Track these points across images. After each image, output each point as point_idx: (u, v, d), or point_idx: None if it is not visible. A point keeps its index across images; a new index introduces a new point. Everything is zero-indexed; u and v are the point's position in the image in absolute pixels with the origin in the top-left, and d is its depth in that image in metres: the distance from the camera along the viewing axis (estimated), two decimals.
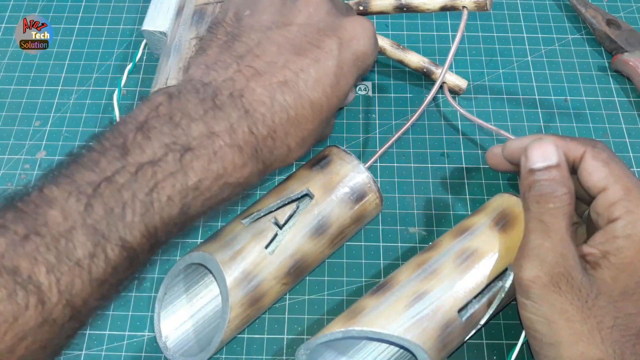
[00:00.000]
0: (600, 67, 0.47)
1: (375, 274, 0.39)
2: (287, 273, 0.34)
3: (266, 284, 0.34)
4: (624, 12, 0.50)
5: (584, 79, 0.46)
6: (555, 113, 0.45)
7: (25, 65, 0.47)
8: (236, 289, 0.33)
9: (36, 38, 0.45)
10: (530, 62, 0.47)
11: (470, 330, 0.33)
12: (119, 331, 0.37)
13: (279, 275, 0.34)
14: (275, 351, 0.37)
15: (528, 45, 0.48)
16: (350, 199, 0.35)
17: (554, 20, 0.49)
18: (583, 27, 0.49)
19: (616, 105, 0.45)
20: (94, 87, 0.46)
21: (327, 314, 0.37)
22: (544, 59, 0.47)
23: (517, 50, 0.48)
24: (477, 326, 0.33)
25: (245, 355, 0.36)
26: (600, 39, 0.47)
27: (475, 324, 0.33)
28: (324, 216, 0.34)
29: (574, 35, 0.49)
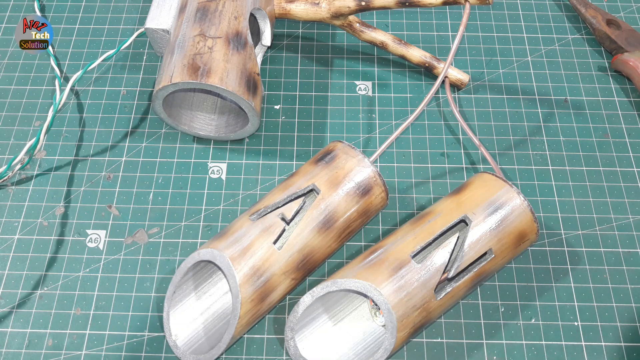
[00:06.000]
0: (600, 67, 0.47)
1: None
2: (296, 268, 0.34)
3: (275, 280, 0.34)
4: (624, 12, 0.50)
5: (584, 79, 0.46)
6: (555, 113, 0.45)
7: (25, 65, 0.47)
8: (246, 285, 0.33)
9: (36, 38, 0.45)
10: (530, 62, 0.47)
11: (434, 277, 0.33)
12: (119, 331, 0.37)
13: (288, 271, 0.34)
14: (275, 351, 0.37)
15: (528, 45, 0.48)
16: (356, 193, 0.35)
17: (554, 20, 0.49)
18: (583, 27, 0.49)
19: (616, 105, 0.45)
20: (94, 87, 0.46)
21: None
22: (544, 59, 0.47)
23: (517, 50, 0.48)
24: (441, 274, 0.33)
25: (245, 355, 0.36)
26: (600, 39, 0.47)
27: (437, 271, 0.33)
28: (330, 211, 0.35)
29: (574, 35, 0.49)
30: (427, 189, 0.42)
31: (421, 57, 0.45)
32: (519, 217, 0.34)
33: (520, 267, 0.39)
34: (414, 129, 0.44)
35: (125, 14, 0.50)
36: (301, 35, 0.48)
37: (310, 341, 0.35)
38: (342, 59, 0.47)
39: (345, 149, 0.36)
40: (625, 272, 0.39)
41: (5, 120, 0.45)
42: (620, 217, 0.41)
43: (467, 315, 0.37)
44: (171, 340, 0.35)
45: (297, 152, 0.43)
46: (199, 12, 0.40)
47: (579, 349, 0.36)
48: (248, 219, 0.35)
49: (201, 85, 0.37)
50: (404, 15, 0.50)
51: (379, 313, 0.36)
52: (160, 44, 0.45)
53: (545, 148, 0.43)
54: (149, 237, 0.40)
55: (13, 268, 0.39)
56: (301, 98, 0.45)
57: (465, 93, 0.46)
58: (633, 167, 0.42)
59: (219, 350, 0.33)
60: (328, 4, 0.43)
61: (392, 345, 0.32)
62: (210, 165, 0.43)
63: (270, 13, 0.43)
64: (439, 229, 0.34)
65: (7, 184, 0.42)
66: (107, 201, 0.41)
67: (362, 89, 0.46)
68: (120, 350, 0.36)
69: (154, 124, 0.44)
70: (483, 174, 0.36)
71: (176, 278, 0.35)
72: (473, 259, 0.33)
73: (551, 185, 0.42)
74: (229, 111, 0.44)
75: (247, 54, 0.39)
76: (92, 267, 0.39)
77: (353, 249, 0.40)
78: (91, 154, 0.43)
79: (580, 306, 0.38)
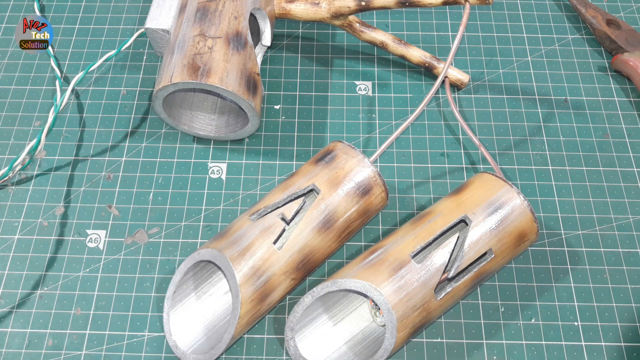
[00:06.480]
0: (600, 67, 0.47)
1: None
2: (295, 268, 0.34)
3: (275, 280, 0.34)
4: (624, 12, 0.50)
5: (584, 79, 0.46)
6: (555, 113, 0.45)
7: (25, 65, 0.47)
8: (246, 284, 0.33)
9: (36, 38, 0.45)
10: (530, 62, 0.47)
11: (434, 277, 0.33)
12: (119, 331, 0.37)
13: (288, 271, 0.34)
14: (275, 351, 0.37)
15: (528, 45, 0.48)
16: (356, 193, 0.35)
17: (554, 20, 0.49)
18: (583, 27, 0.49)
19: (616, 105, 0.45)
20: (94, 87, 0.46)
21: None
22: (544, 59, 0.47)
23: (517, 50, 0.48)
24: (441, 274, 0.33)
25: (245, 355, 0.36)
26: (600, 39, 0.47)
27: (437, 271, 0.33)
28: (330, 211, 0.35)
29: (574, 35, 0.49)
30: (427, 189, 0.42)
31: (421, 57, 0.45)
32: (519, 217, 0.34)
33: (520, 267, 0.39)
34: (414, 129, 0.44)
35: (125, 14, 0.50)
36: (301, 35, 0.48)
37: (310, 341, 0.35)
38: (342, 59, 0.47)
39: (345, 149, 0.36)
40: (625, 272, 0.39)
41: (5, 120, 0.45)
42: (620, 217, 0.41)
43: (467, 315, 0.37)
44: (171, 340, 0.35)
45: (297, 152, 0.43)
46: (199, 12, 0.40)
47: (579, 349, 0.36)
48: (248, 219, 0.35)
49: (201, 85, 0.37)
50: (404, 15, 0.50)
51: (379, 313, 0.36)
52: (160, 44, 0.45)
53: (545, 148, 0.43)
54: (149, 237, 0.40)
55: (13, 268, 0.39)
56: (301, 98, 0.45)
57: (465, 93, 0.46)
58: (633, 167, 0.42)
59: (219, 350, 0.33)
60: (328, 4, 0.43)
61: (392, 345, 0.32)
62: (210, 165, 0.43)
63: (270, 13, 0.43)
64: (439, 229, 0.34)
65: (7, 184, 0.42)
66: (107, 201, 0.41)
67: (362, 89, 0.46)
68: (120, 350, 0.36)
69: (154, 124, 0.44)
70: (483, 174, 0.36)
71: (176, 278, 0.35)
72: (473, 259, 0.33)
73: (551, 185, 0.42)
74: (229, 111, 0.44)
75: (247, 54, 0.39)
76: (92, 267, 0.39)
77: (353, 249, 0.40)
78: (91, 154, 0.43)
79: (580, 306, 0.38)
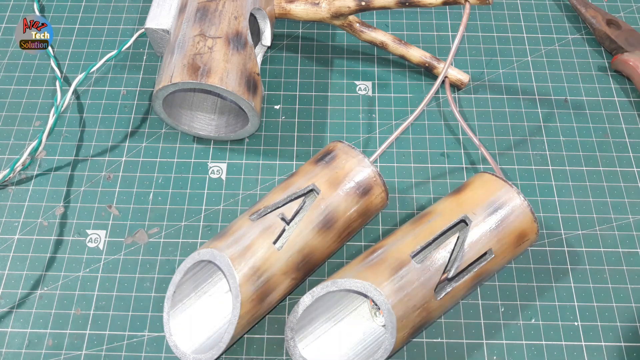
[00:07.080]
0: (600, 67, 0.47)
1: None
2: (295, 268, 0.34)
3: (275, 280, 0.34)
4: (624, 12, 0.50)
5: (584, 79, 0.46)
6: (555, 113, 0.45)
7: (25, 65, 0.47)
8: (246, 284, 0.33)
9: (36, 38, 0.45)
10: (530, 62, 0.47)
11: (434, 277, 0.33)
12: (119, 331, 0.37)
13: (288, 271, 0.34)
14: (275, 351, 0.37)
15: (528, 45, 0.48)
16: (356, 193, 0.35)
17: (554, 20, 0.49)
18: (583, 27, 0.49)
19: (616, 105, 0.45)
20: (94, 87, 0.46)
21: None
22: (544, 59, 0.47)
23: (517, 50, 0.48)
24: (441, 274, 0.33)
25: (245, 355, 0.36)
26: (600, 39, 0.47)
27: (437, 271, 0.33)
28: (330, 211, 0.35)
29: (574, 35, 0.49)
30: (427, 189, 0.42)
31: (421, 57, 0.45)
32: (519, 217, 0.34)
33: (520, 267, 0.39)
34: (414, 129, 0.44)
35: (125, 14, 0.50)
36: (301, 35, 0.48)
37: (310, 341, 0.35)
38: (342, 59, 0.47)
39: (345, 149, 0.36)
40: (625, 272, 0.39)
41: (5, 120, 0.45)
42: (620, 217, 0.41)
43: (467, 315, 0.37)
44: (171, 340, 0.35)
45: (297, 152, 0.43)
46: (199, 12, 0.40)
47: (579, 349, 0.36)
48: (248, 219, 0.35)
49: (201, 85, 0.37)
50: (404, 15, 0.50)
51: (379, 313, 0.36)
52: (160, 44, 0.45)
53: (545, 148, 0.43)
54: (149, 237, 0.40)
55: (13, 268, 0.39)
56: (301, 98, 0.45)
57: (465, 93, 0.46)
58: (633, 167, 0.42)
59: (219, 350, 0.33)
60: (328, 4, 0.43)
61: (392, 345, 0.32)
62: (210, 165, 0.43)
63: (270, 13, 0.43)
64: (439, 229, 0.34)
65: (7, 184, 0.42)
66: (107, 201, 0.41)
67: (362, 89, 0.46)
68: (120, 350, 0.36)
69: (154, 124, 0.44)
70: (483, 174, 0.36)
71: (176, 278, 0.35)
72: (473, 259, 0.33)
73: (551, 185, 0.42)
74: (229, 111, 0.44)
75: (247, 54, 0.39)
76: (92, 267, 0.39)
77: (353, 249, 0.40)
78: (91, 154, 0.43)
79: (580, 306, 0.38)
